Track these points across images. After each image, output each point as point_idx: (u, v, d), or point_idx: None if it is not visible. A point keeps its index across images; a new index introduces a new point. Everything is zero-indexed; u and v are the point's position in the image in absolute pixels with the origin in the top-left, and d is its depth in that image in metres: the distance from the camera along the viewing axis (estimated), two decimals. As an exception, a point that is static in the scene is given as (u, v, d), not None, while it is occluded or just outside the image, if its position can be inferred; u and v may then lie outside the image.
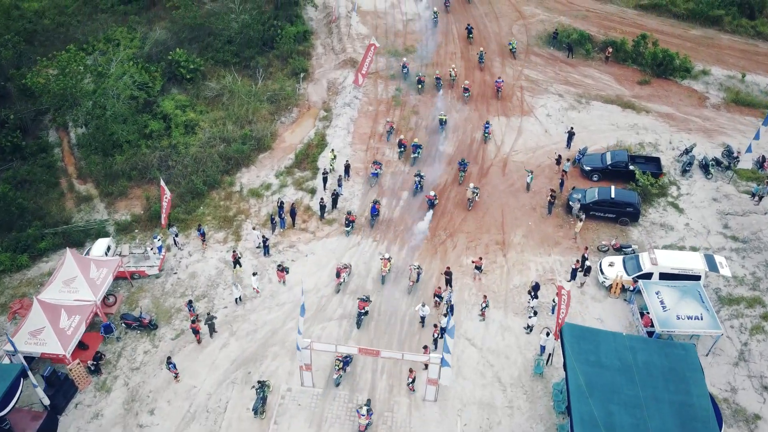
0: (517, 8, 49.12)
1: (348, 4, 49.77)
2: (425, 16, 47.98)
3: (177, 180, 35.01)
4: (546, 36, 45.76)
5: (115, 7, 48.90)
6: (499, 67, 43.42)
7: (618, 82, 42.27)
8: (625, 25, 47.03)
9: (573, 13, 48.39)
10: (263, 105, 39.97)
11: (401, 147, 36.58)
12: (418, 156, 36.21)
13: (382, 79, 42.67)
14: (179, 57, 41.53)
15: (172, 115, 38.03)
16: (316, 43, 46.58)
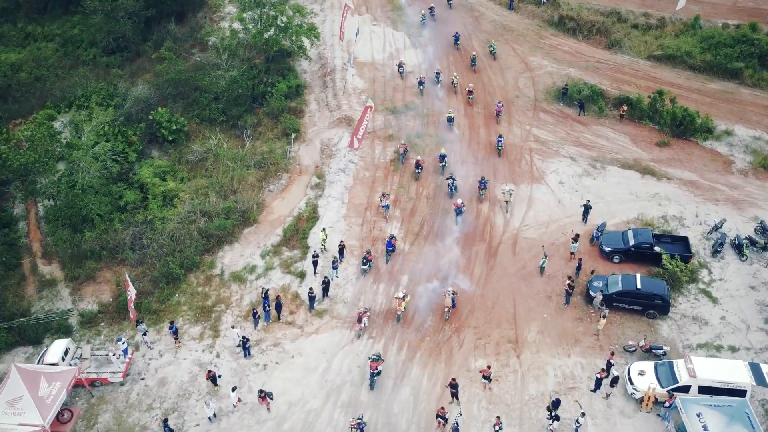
0: (523, 59, 45.40)
1: (344, 54, 46.10)
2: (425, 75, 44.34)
3: (151, 261, 30.85)
4: (555, 91, 41.93)
5: (98, 59, 45.27)
6: (505, 125, 39.51)
7: (635, 144, 38.30)
8: (638, 77, 43.23)
9: (582, 64, 44.66)
10: (250, 171, 35.98)
11: (418, 168, 35.62)
12: (445, 164, 35.98)
13: (380, 139, 38.75)
14: (161, 117, 37.65)
15: (150, 184, 34.02)
16: (310, 98, 42.77)
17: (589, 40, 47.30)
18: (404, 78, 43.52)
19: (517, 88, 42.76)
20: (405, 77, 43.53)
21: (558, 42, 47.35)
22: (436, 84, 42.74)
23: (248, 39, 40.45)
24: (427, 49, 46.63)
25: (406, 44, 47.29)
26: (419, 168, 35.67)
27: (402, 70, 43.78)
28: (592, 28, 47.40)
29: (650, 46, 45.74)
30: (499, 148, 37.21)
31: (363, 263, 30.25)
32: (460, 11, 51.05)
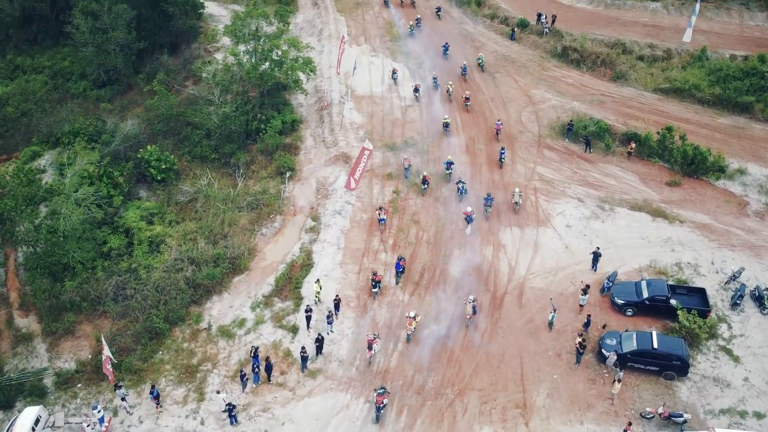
0: (526, 92, 43.70)
1: (341, 87, 44.43)
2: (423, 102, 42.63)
3: (134, 314, 28.75)
4: (560, 126, 40.13)
5: (88, 93, 43.66)
6: (509, 162, 37.64)
7: (644, 183, 36.37)
8: (645, 111, 41.46)
9: (587, 97, 42.93)
10: (242, 213, 34.03)
11: (425, 183, 35.44)
12: (451, 171, 36.13)
13: (378, 178, 36.85)
14: (150, 156, 35.81)
15: (136, 229, 32.03)
16: (305, 133, 40.97)
17: (593, 72, 45.65)
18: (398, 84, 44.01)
19: (520, 122, 40.98)
20: (399, 85, 41.77)
21: (561, 74, 45.71)
22: (436, 90, 43.54)
23: (242, 73, 38.74)
24: (426, 80, 45.05)
25: (405, 76, 45.67)
26: (426, 184, 35.58)
27: (396, 77, 44.59)
28: (596, 60, 45.76)
29: (657, 78, 44.08)
30: (501, 160, 37.22)
31: (373, 286, 29.54)
32: (460, 42, 49.54)
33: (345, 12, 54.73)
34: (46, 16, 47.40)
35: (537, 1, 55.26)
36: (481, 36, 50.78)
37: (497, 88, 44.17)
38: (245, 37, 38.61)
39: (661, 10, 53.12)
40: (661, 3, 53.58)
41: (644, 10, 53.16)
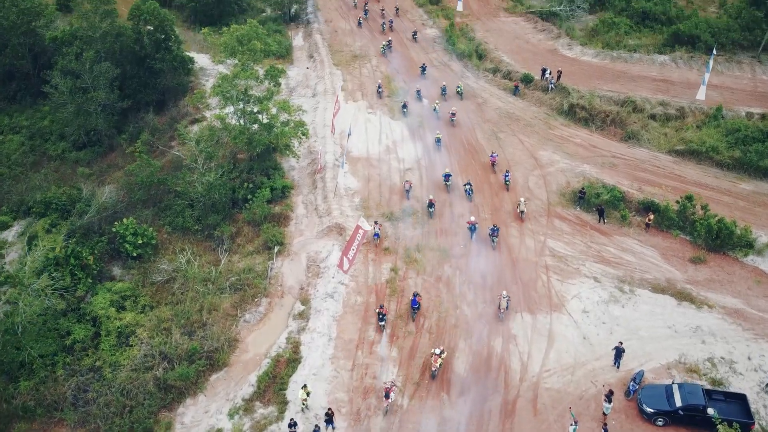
0: (533, 153, 40.65)
1: (336, 148, 41.43)
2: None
3: (95, 423, 24.95)
4: (570, 193, 36.91)
5: (66, 155, 40.59)
6: (516, 236, 34.28)
7: (666, 259, 32.91)
8: (660, 176, 38.31)
9: (598, 159, 39.86)
10: (224, 296, 30.48)
11: (431, 206, 35.47)
12: (450, 183, 37.46)
13: (375, 253, 33.44)
14: (125, 230, 32.46)
15: (104, 317, 28.43)
16: (297, 200, 37.73)
17: (603, 132, 42.73)
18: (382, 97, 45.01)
19: (527, 188, 37.77)
20: (403, 175, 38.69)
21: (569, 133, 42.78)
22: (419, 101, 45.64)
23: (229, 138, 35.73)
24: (426, 140, 42.11)
25: (404, 136, 42.73)
26: (432, 206, 35.50)
27: (381, 91, 46.75)
28: (605, 119, 42.90)
29: (671, 139, 41.11)
30: (506, 183, 37.76)
31: (379, 319, 28.88)
32: (463, 100, 46.80)
33: (341, 65, 52.25)
34: (27, 73, 44.75)
35: (540, 54, 53.01)
36: (483, 91, 48.10)
37: (502, 149, 41.13)
38: (233, 98, 35.69)
39: (669, 64, 50.64)
40: (669, 56, 51.17)
41: (652, 64, 50.67)
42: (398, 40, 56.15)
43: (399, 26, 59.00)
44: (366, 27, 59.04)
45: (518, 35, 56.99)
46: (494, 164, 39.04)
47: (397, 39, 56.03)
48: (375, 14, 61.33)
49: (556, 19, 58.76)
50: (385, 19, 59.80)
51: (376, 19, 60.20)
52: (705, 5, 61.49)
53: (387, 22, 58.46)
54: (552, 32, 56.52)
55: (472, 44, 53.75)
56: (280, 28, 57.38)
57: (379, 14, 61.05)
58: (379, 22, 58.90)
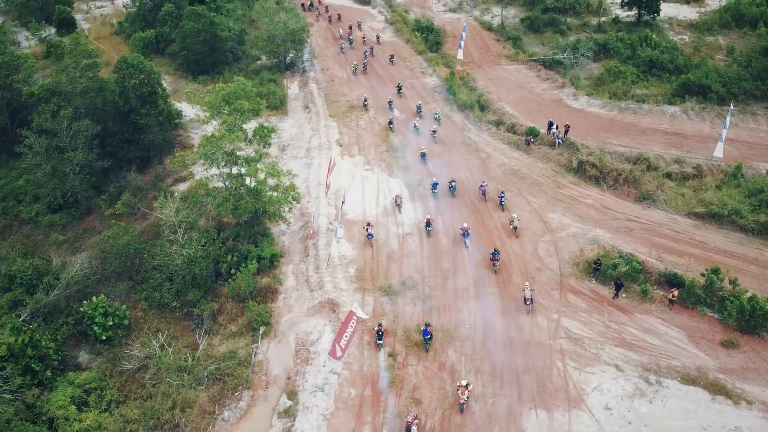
0: (541, 216, 37.48)
1: (330, 210, 38.32)
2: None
3: None
4: (584, 264, 33.59)
5: (40, 218, 37.41)
6: (527, 314, 30.80)
7: (693, 342, 29.35)
8: (681, 242, 35.07)
9: (612, 223, 36.68)
10: (201, 389, 26.84)
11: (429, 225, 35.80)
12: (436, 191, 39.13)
13: (370, 334, 29.92)
14: (94, 310, 29.04)
15: (62, 419, 24.77)
16: (287, 269, 34.38)
17: (615, 191, 39.69)
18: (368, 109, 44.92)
19: (537, 257, 34.48)
20: (402, 241, 35.44)
21: (579, 193, 39.73)
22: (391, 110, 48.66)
23: (213, 205, 32.62)
24: (427, 201, 39.05)
25: (403, 195, 39.64)
26: (429, 226, 35.90)
27: (366, 104, 49.39)
28: (618, 178, 39.92)
29: (689, 200, 37.99)
30: (502, 204, 38.03)
31: (377, 338, 28.65)
32: (463, 152, 43.99)
33: (338, 117, 49.63)
34: (4, 128, 42.00)
35: (545, 105, 50.50)
36: (487, 145, 45.29)
37: (508, 212, 37.98)
38: (218, 161, 32.70)
39: (680, 115, 48.05)
40: (680, 107, 48.62)
41: (662, 115, 48.08)
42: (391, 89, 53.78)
43: (397, 74, 56.70)
44: (362, 75, 56.76)
45: (521, 84, 54.62)
46: (485, 193, 39.04)
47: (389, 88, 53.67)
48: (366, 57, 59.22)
49: (560, 68, 56.53)
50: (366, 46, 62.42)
51: (373, 65, 58.07)
52: (712, 53, 59.47)
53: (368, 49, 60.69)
54: (556, 81, 54.17)
55: (474, 94, 51.28)
56: (274, 78, 55.03)
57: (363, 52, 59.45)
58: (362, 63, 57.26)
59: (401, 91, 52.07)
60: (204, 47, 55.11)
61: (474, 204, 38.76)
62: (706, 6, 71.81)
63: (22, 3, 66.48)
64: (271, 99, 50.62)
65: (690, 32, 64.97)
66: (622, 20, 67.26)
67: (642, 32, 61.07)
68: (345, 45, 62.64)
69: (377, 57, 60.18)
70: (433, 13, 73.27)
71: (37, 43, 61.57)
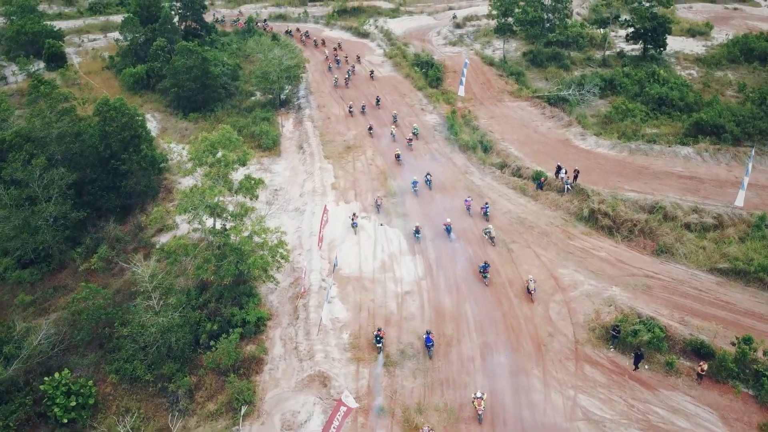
0: (551, 272, 34.32)
1: (323, 264, 35.18)
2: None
3: None
4: (601, 329, 30.33)
5: (8, 275, 34.20)
6: (540, 389, 27.42)
7: (727, 425, 25.86)
8: (705, 303, 31.83)
9: (629, 280, 33.52)
10: (171, 485, 23.38)
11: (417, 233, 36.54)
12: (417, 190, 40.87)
13: (364, 413, 26.52)
14: (56, 389, 25.69)
15: None
16: (274, 334, 31.06)
17: (630, 243, 36.61)
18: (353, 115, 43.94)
19: (548, 320, 31.21)
20: (401, 300, 32.22)
21: (591, 244, 36.63)
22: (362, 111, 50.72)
23: (192, 266, 29.52)
24: (428, 254, 35.96)
25: (402, 248, 36.58)
26: (418, 233, 36.60)
27: (352, 110, 51.85)
28: (633, 228, 36.87)
29: (711, 255, 34.87)
30: (486, 215, 38.45)
31: (376, 341, 29.02)
32: (464, 197, 40.96)
33: (333, 158, 46.83)
34: (-24, 175, 39.09)
35: (551, 146, 47.79)
36: (491, 190, 42.35)
37: (515, 265, 34.89)
38: (200, 217, 29.68)
39: (694, 157, 45.32)
40: (693, 149, 45.93)
41: (675, 157, 45.35)
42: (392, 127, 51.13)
43: (396, 112, 54.15)
44: (359, 113, 54.20)
45: (525, 122, 51.98)
46: (469, 208, 39.22)
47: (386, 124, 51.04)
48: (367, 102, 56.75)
49: (565, 105, 54.01)
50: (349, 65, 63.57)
51: (374, 109, 55.57)
52: (722, 89, 57.13)
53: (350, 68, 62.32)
54: (562, 120, 51.57)
55: (476, 134, 48.56)
56: (268, 116, 52.41)
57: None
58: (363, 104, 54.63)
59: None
60: (195, 84, 52.64)
61: (477, 254, 35.63)
62: (712, 39, 69.90)
63: (11, 36, 64.33)
64: (263, 139, 47.90)
65: (698, 67, 62.85)
66: (627, 54, 65.19)
67: (649, 67, 58.86)
68: (332, 65, 64.12)
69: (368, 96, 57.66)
70: (433, 47, 71.25)
71: (25, 79, 59.15)
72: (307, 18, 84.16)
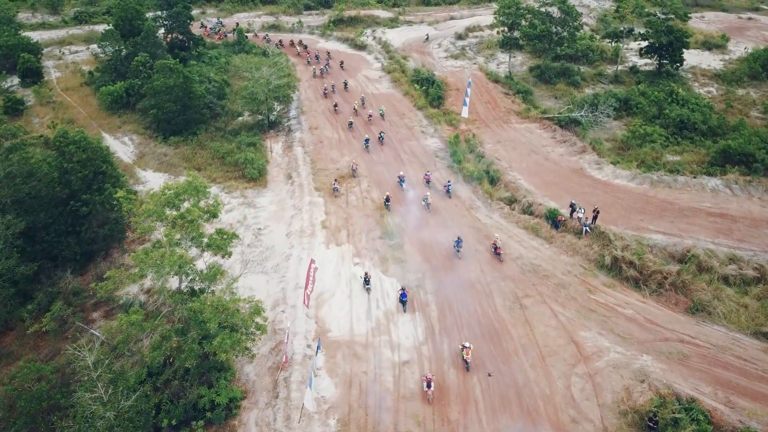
0: (571, 336, 29.15)
1: (309, 325, 30.01)
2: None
3: None
4: (633, 415, 25.15)
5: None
6: (564, 495, 22.31)
7: None
8: (752, 377, 26.67)
9: (662, 346, 28.36)
10: None
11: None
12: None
13: None
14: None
15: None
16: (248, 418, 25.83)
17: (660, 298, 31.47)
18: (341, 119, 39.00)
19: (570, 400, 26.04)
20: (398, 372, 27.08)
21: (616, 299, 31.49)
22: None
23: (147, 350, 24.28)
24: (429, 311, 30.83)
25: (399, 304, 31.42)
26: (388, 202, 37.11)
27: (336, 109, 50.65)
28: (662, 281, 31.72)
29: (755, 315, 29.74)
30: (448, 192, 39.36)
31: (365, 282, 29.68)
32: (470, 239, 35.79)
33: (324, 190, 41.62)
34: None
35: (564, 176, 42.62)
36: (499, 230, 37.14)
37: (529, 326, 29.75)
38: (161, 276, 24.44)
39: (723, 190, 40.16)
40: (721, 180, 40.75)
41: (702, 191, 40.15)
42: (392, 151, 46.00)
43: (394, 135, 49.00)
44: (354, 137, 49.02)
45: (535, 148, 46.79)
46: (429, 182, 39.47)
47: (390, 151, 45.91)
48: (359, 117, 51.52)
49: (578, 127, 48.83)
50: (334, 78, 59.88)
51: (367, 126, 50.35)
52: (746, 109, 51.92)
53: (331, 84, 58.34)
54: (575, 145, 46.37)
55: (482, 163, 43.33)
56: (255, 140, 47.19)
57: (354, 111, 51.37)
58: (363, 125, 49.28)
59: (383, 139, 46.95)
60: (176, 105, 47.45)
61: (486, 313, 30.46)
62: (729, 53, 64.63)
63: (-16, 51, 59.13)
64: (247, 169, 42.70)
65: (716, 84, 57.64)
66: (640, 70, 59.96)
67: (666, 85, 53.62)
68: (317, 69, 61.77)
69: (361, 115, 52.59)
70: (433, 60, 65.99)
71: (-3, 97, 53.98)
72: (301, 28, 78.83)
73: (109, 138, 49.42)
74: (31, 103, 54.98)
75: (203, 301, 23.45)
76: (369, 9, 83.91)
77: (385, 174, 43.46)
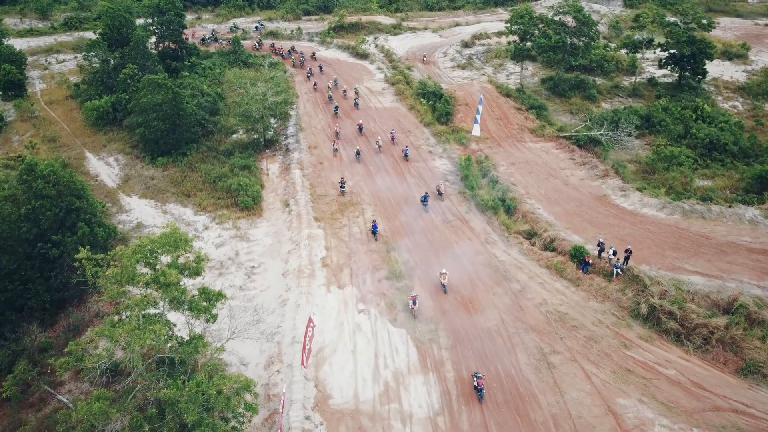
0: (608, 402, 24.86)
1: (308, 390, 25.76)
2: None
3: None
4: None
5: None
6: None
7: None
8: (822, 458, 22.62)
9: (713, 419, 24.12)
10: None
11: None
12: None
13: None
14: None
15: None
16: None
17: (706, 355, 27.26)
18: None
19: (613, 488, 21.87)
20: (400, 385, 22.85)
21: (655, 356, 27.27)
22: None
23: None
24: (444, 371, 26.60)
25: (411, 360, 27.20)
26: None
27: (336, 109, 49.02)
28: (708, 337, 27.51)
29: (818, 379, 25.58)
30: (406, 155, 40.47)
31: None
32: (489, 281, 31.57)
33: (324, 220, 37.35)
34: None
35: (587, 205, 38.39)
36: (518, 269, 32.92)
37: (558, 391, 25.53)
38: (133, 359, 20.21)
39: (762, 221, 35.98)
40: (759, 211, 36.54)
41: (739, 222, 35.97)
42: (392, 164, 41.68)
43: (398, 155, 44.67)
44: (356, 157, 44.69)
45: (553, 171, 42.49)
46: (393, 139, 40.52)
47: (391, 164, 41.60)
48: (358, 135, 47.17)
49: (598, 147, 44.57)
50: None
51: (371, 148, 46.02)
52: (776, 126, 47.60)
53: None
54: (596, 168, 42.09)
55: (497, 189, 39.05)
56: (249, 163, 42.77)
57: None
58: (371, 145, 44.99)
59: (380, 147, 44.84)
60: (165, 124, 43.09)
61: (509, 374, 26.23)
62: (752, 63, 60.27)
63: (-36, 61, 54.60)
64: (241, 196, 38.40)
65: (741, 97, 53.33)
66: (659, 82, 55.63)
67: (690, 100, 49.33)
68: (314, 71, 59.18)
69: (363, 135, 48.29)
70: (439, 70, 61.59)
71: (-25, 112, 49.59)
72: (300, 35, 74.28)
73: (92, 158, 45.09)
74: (11, 119, 50.63)
75: (180, 388, 19.14)
76: (370, 15, 79.37)
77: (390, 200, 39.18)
